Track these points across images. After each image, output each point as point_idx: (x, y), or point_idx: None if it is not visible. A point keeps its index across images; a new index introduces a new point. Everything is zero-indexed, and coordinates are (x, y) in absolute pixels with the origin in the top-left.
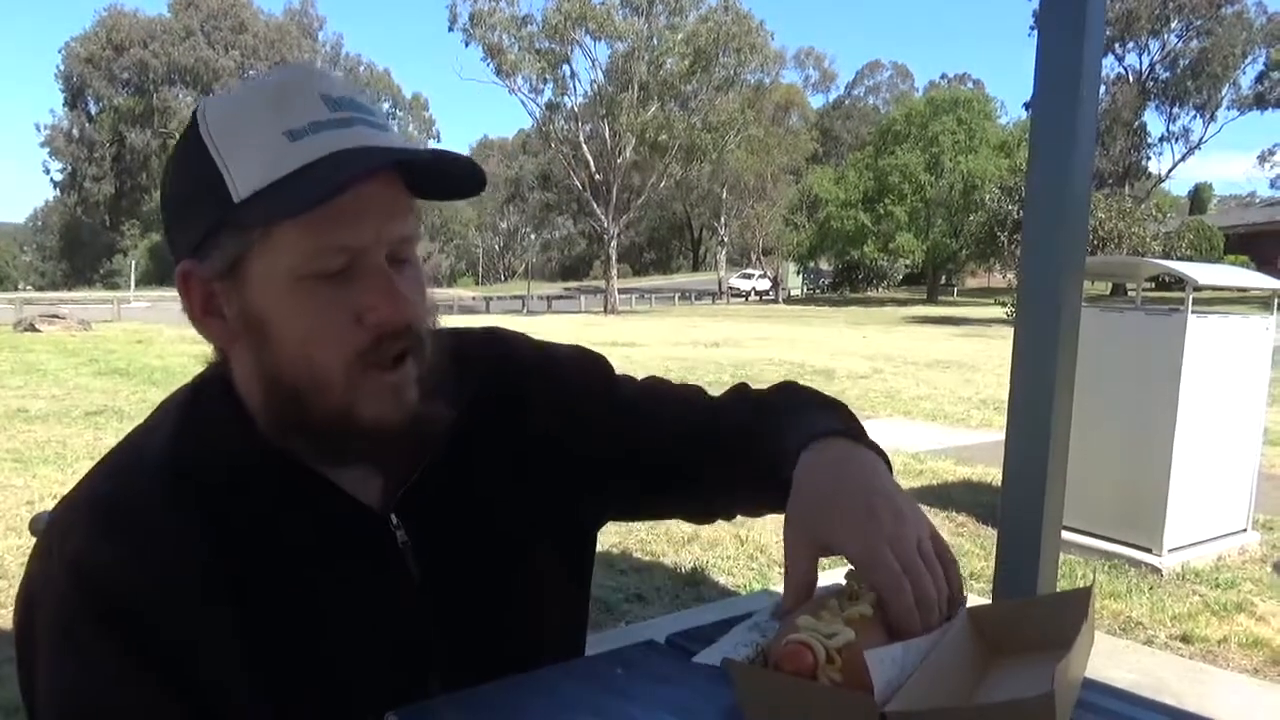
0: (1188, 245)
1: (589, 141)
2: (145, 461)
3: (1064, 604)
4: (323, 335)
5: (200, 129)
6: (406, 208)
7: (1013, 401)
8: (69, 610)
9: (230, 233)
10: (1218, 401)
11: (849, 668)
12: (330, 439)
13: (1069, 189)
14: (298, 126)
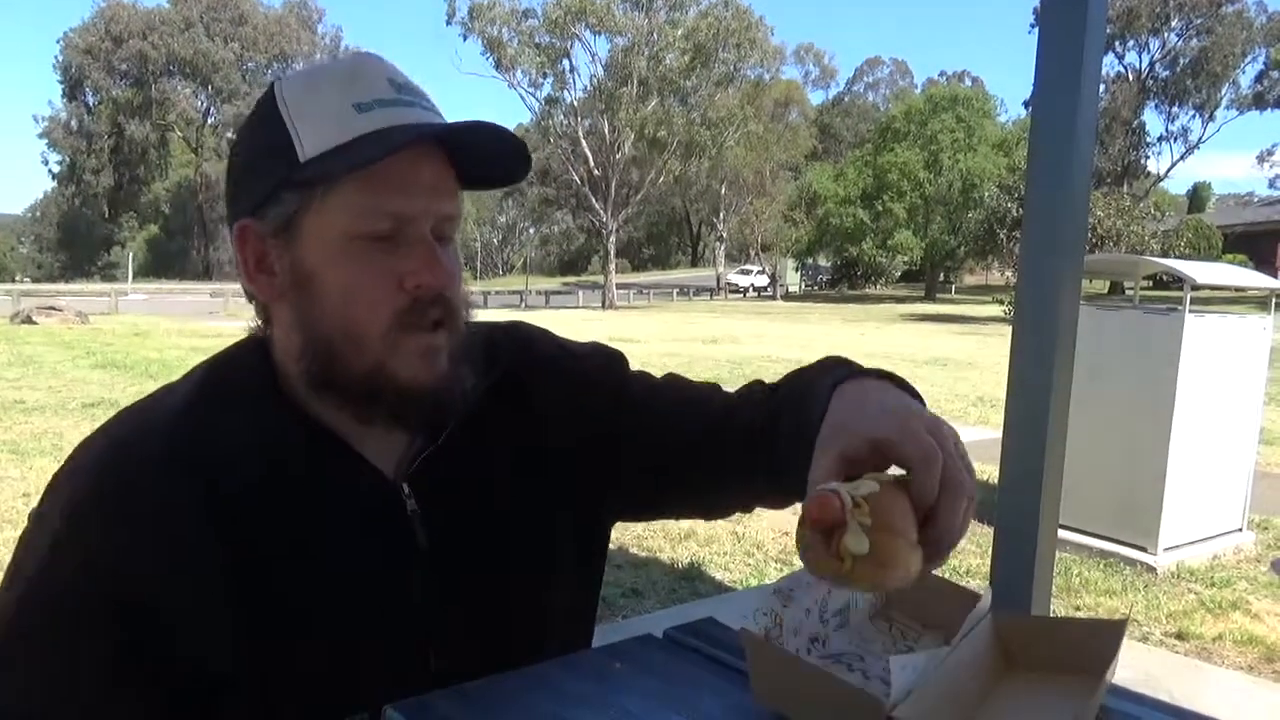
0: (1186, 244)
1: (588, 136)
2: (156, 421)
3: (1095, 631)
4: (365, 294)
5: (276, 99)
6: (454, 191)
7: (1010, 399)
8: (55, 535)
9: (292, 191)
10: (1214, 400)
11: (877, 512)
12: (360, 396)
13: (1069, 187)
14: (365, 100)
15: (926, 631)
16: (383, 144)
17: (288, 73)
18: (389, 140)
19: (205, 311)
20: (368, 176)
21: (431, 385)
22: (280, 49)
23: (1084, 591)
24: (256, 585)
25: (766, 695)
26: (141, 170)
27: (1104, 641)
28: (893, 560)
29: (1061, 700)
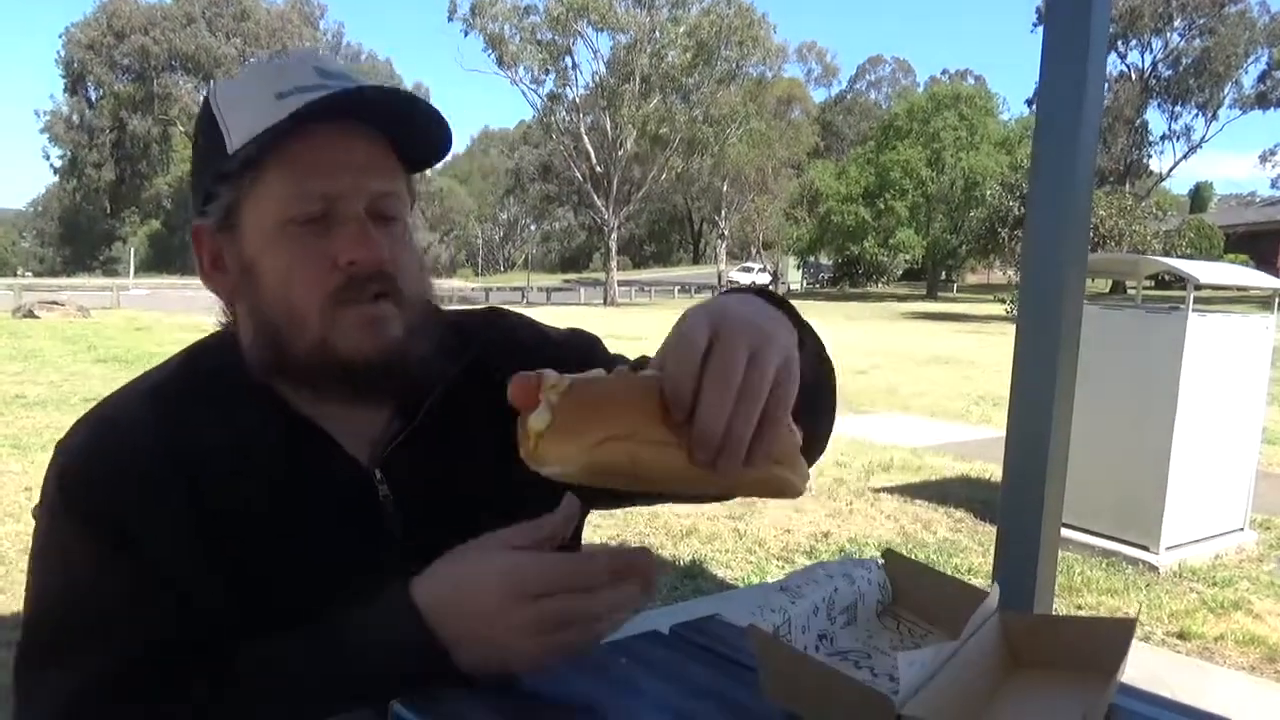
0: (1188, 244)
1: (590, 133)
2: (136, 389)
3: (1102, 629)
4: (300, 277)
5: (210, 102)
6: (390, 169)
7: (1014, 398)
8: (54, 508)
9: (225, 184)
10: (1217, 400)
11: (577, 389)
12: (310, 374)
13: (1072, 187)
14: (285, 89)
15: (933, 629)
16: (288, 120)
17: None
18: (296, 117)
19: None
20: (291, 159)
21: (375, 355)
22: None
23: (1086, 590)
24: (235, 564)
25: (776, 692)
26: (143, 165)
27: (1112, 640)
28: (576, 431)
29: (1070, 698)
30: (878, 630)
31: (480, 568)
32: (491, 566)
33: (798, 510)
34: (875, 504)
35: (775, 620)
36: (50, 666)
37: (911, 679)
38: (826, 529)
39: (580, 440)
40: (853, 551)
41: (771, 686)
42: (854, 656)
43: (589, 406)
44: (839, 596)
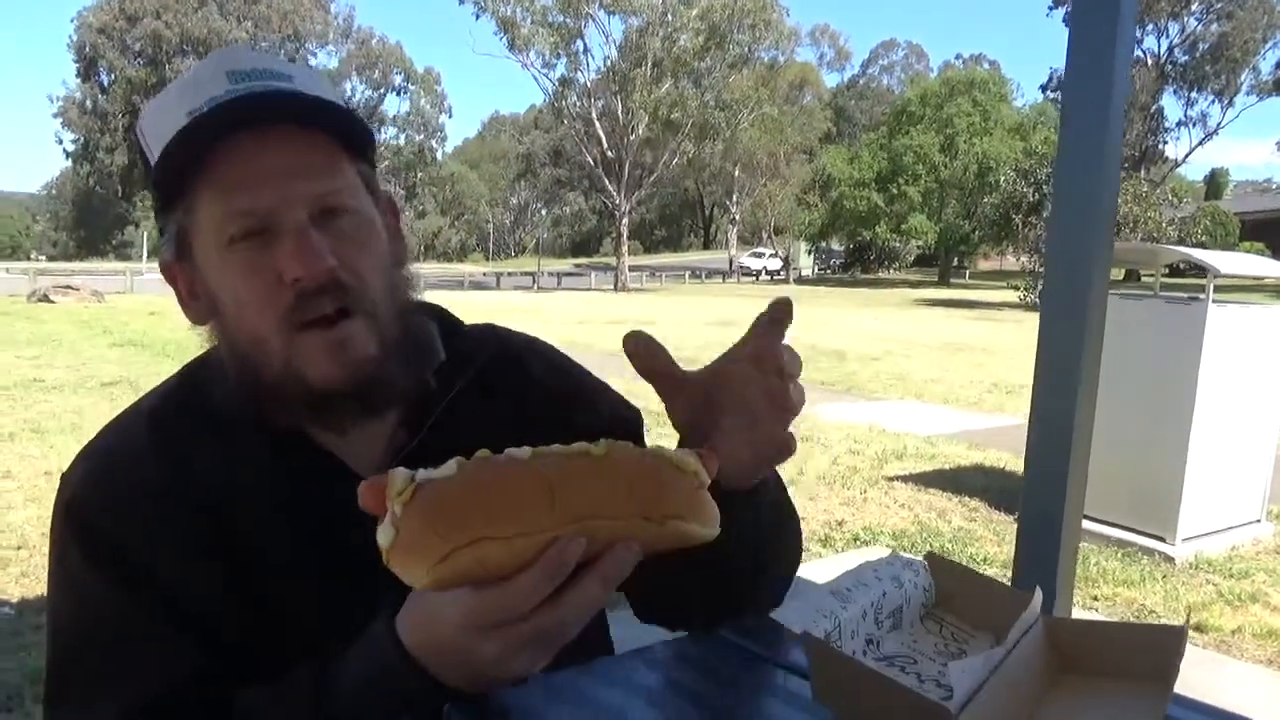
0: (1203, 231)
1: (601, 118)
2: (140, 413)
3: (1153, 636)
4: (251, 299)
5: (138, 131)
6: (325, 165)
7: (1037, 388)
8: (63, 545)
9: (166, 215)
10: (1235, 390)
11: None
12: (289, 401)
13: (1099, 174)
14: (198, 105)
15: (976, 633)
16: (175, 143)
17: None
18: (180, 139)
19: None
20: (212, 182)
21: (345, 380)
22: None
23: (1101, 581)
24: (244, 591)
25: (828, 699)
26: None
27: (1163, 648)
28: (419, 548)
29: (1123, 708)
30: (921, 634)
31: (438, 606)
32: (445, 603)
33: (812, 499)
34: (889, 492)
35: (827, 626)
36: (72, 708)
37: (964, 687)
38: (840, 517)
39: (422, 559)
40: (867, 540)
41: (824, 693)
42: (900, 661)
43: (434, 516)
44: (886, 601)
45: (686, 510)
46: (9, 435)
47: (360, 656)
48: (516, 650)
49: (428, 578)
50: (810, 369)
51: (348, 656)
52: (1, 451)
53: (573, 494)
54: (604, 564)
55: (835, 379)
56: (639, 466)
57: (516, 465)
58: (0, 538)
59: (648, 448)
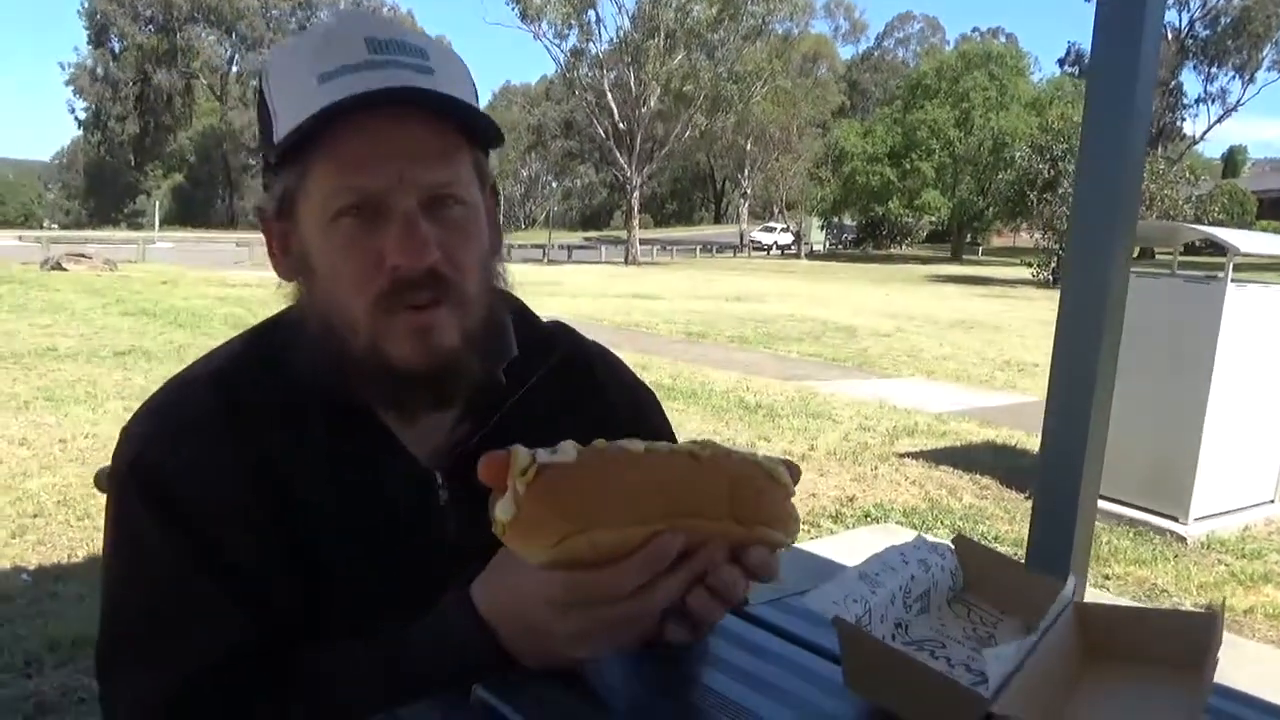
0: (1220, 209)
1: (613, 89)
2: (202, 375)
3: (1185, 623)
4: (347, 275)
5: (263, 80)
6: (445, 153)
7: (1055, 367)
8: (126, 503)
9: (277, 173)
10: (1252, 372)
11: (546, 480)
12: (367, 377)
13: (1124, 151)
14: (329, 69)
15: (1004, 617)
16: (316, 119)
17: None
18: (325, 114)
19: (231, 261)
20: (333, 153)
21: (425, 366)
22: None
23: (1113, 560)
24: (302, 559)
25: (860, 684)
26: (166, 118)
27: (1198, 635)
28: (538, 527)
29: (1159, 694)
30: (950, 618)
31: (527, 581)
32: (535, 578)
33: (822, 475)
34: (900, 469)
35: (857, 611)
36: (135, 666)
37: (998, 674)
38: (851, 494)
39: (541, 538)
40: (878, 517)
41: (856, 679)
42: (929, 646)
43: (555, 500)
44: (915, 585)
45: (774, 519)
46: (24, 403)
47: (434, 621)
48: (594, 632)
49: (544, 556)
50: (821, 345)
51: (422, 622)
52: (17, 419)
53: (679, 490)
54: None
55: (846, 356)
56: (739, 473)
57: (630, 457)
58: (17, 505)
59: (745, 454)
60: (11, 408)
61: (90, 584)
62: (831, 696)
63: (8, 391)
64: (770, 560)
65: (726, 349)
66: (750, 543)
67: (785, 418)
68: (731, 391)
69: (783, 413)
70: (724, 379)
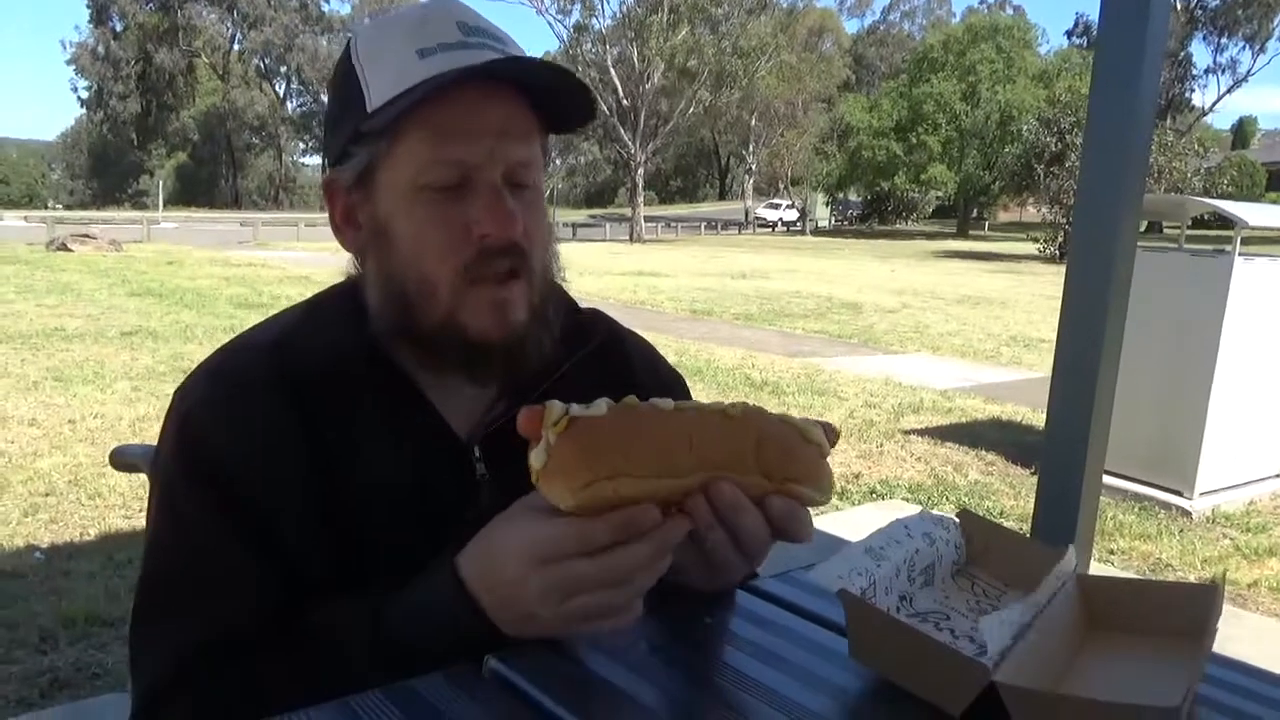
0: (1229, 181)
1: (617, 65)
2: (261, 341)
3: (1186, 595)
4: (433, 244)
5: (351, 53)
6: (528, 135)
7: (1061, 341)
8: (171, 461)
9: (364, 142)
10: (1259, 346)
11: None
12: (435, 347)
13: (1132, 123)
14: (428, 46)
15: (1008, 590)
16: (430, 86)
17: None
18: (437, 82)
19: (235, 241)
20: (429, 124)
21: (501, 339)
22: None
23: (1118, 535)
24: (336, 527)
25: (864, 655)
26: (169, 97)
27: (1196, 606)
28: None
29: (1158, 664)
30: (954, 591)
31: (504, 535)
32: (512, 533)
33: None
34: (905, 446)
35: (862, 584)
36: (161, 622)
37: (998, 640)
38: (857, 470)
39: (570, 482)
40: (883, 494)
41: (860, 650)
42: (933, 618)
43: (583, 448)
44: (919, 558)
45: (805, 476)
46: (33, 384)
47: (419, 587)
48: (561, 593)
49: (572, 500)
50: (826, 322)
51: (408, 588)
52: (26, 400)
53: (707, 446)
54: (661, 531)
55: (851, 332)
56: (768, 430)
57: (659, 414)
58: (29, 484)
59: (778, 415)
60: (20, 388)
61: (102, 562)
62: (837, 667)
63: (17, 372)
64: (795, 514)
65: (732, 326)
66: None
67: (791, 395)
68: (737, 369)
69: (788, 390)
70: (729, 356)
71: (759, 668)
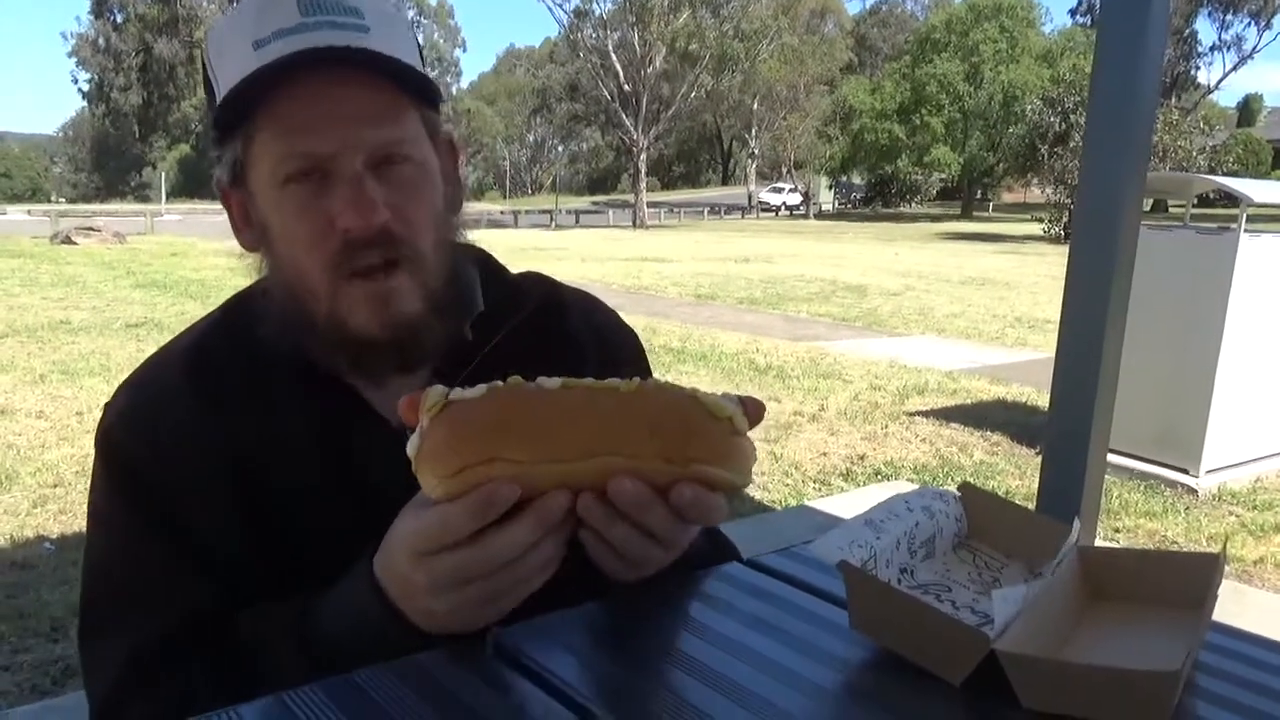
0: (1235, 159)
1: (618, 50)
2: (176, 349)
3: (1187, 564)
4: (300, 239)
5: (204, 52)
6: (386, 113)
7: (1065, 319)
8: (96, 477)
9: (225, 142)
10: (1265, 322)
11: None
12: (330, 344)
13: (1135, 101)
14: (263, 36)
15: (1010, 562)
16: (248, 84)
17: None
18: (249, 82)
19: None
20: (277, 118)
21: (385, 333)
22: None
23: (1123, 513)
24: (267, 530)
25: (864, 626)
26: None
27: (1197, 575)
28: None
29: (1160, 632)
30: (955, 563)
31: (396, 528)
32: (399, 525)
33: (833, 434)
34: (910, 427)
35: (862, 555)
36: (101, 636)
37: (1005, 615)
38: (862, 452)
39: (439, 469)
40: (888, 475)
41: (861, 621)
42: (934, 590)
43: (454, 433)
44: (920, 531)
45: (714, 457)
46: (40, 376)
47: (340, 587)
48: (447, 586)
49: (440, 488)
50: (831, 305)
51: (332, 589)
52: (34, 392)
53: (592, 428)
54: (536, 507)
55: (856, 315)
56: (666, 407)
57: (543, 394)
58: (38, 476)
59: (684, 389)
60: (28, 381)
61: None
62: (838, 639)
63: (24, 365)
64: (702, 499)
65: (736, 311)
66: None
67: (795, 378)
68: (741, 353)
69: (793, 373)
70: (734, 341)
71: (759, 639)
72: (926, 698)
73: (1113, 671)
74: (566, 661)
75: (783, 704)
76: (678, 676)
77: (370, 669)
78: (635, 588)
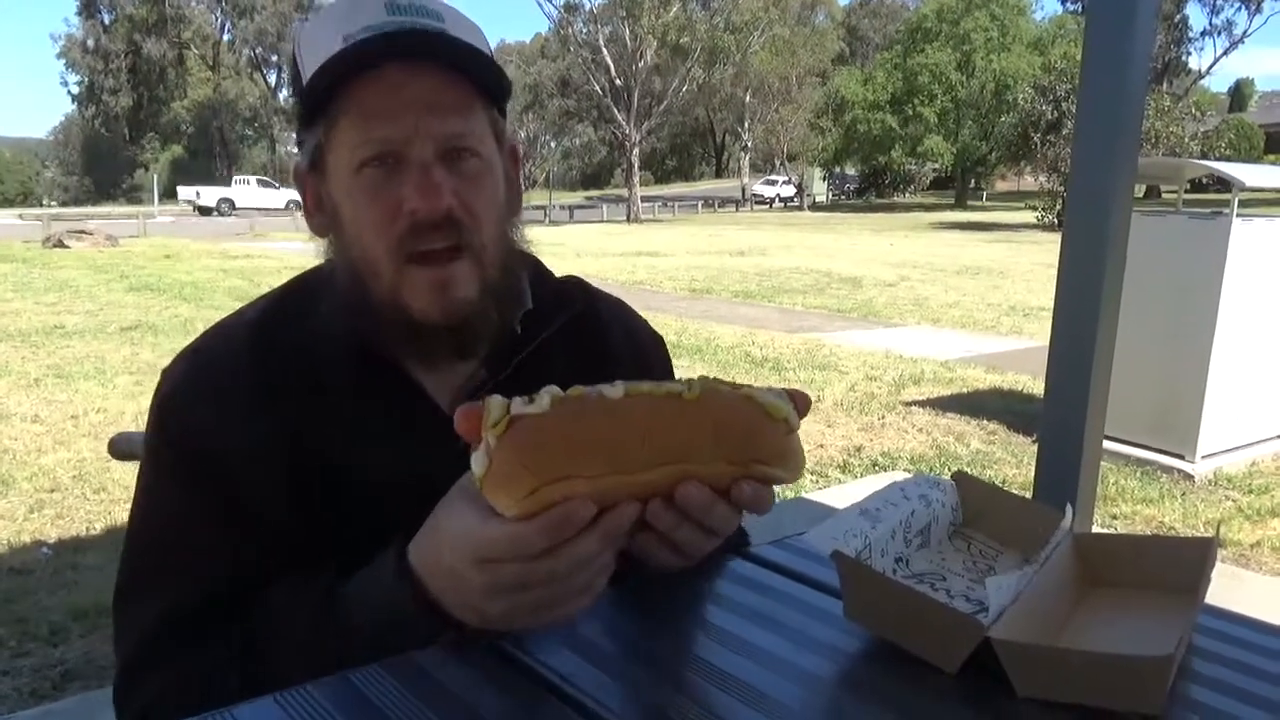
0: (1227, 145)
1: (609, 45)
2: (240, 321)
3: (1181, 549)
4: (369, 222)
5: (295, 48)
6: (459, 106)
7: (1058, 306)
8: (153, 438)
9: (308, 127)
10: (1258, 306)
11: (518, 432)
12: (390, 326)
13: (1125, 87)
14: (352, 31)
15: (1005, 550)
16: (336, 68)
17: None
18: (335, 64)
19: (232, 233)
20: (354, 105)
21: (443, 319)
22: None
23: (1120, 500)
24: (315, 504)
25: (859, 615)
26: (160, 90)
27: (1193, 560)
28: (510, 479)
29: (1154, 617)
30: (950, 552)
31: (445, 523)
32: (451, 522)
33: (830, 425)
34: (907, 417)
35: (857, 545)
36: (136, 597)
37: (999, 602)
38: (859, 443)
39: (514, 491)
40: (885, 465)
41: (855, 610)
42: (930, 579)
43: (525, 452)
44: (915, 519)
45: (772, 457)
46: (34, 381)
47: (369, 572)
48: (507, 590)
49: (516, 509)
50: (826, 297)
51: (362, 572)
52: (29, 397)
53: (661, 438)
54: (605, 520)
55: (851, 306)
56: (729, 413)
57: (608, 406)
58: (34, 481)
59: (738, 389)
60: (22, 385)
61: (109, 555)
62: (832, 629)
63: (18, 369)
64: (761, 495)
65: (731, 304)
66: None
67: (791, 370)
68: (737, 346)
69: (789, 365)
70: (729, 334)
71: (754, 630)
72: (921, 686)
73: (1105, 657)
74: (565, 658)
75: (778, 694)
76: (675, 670)
77: (369, 669)
78: (631, 583)
